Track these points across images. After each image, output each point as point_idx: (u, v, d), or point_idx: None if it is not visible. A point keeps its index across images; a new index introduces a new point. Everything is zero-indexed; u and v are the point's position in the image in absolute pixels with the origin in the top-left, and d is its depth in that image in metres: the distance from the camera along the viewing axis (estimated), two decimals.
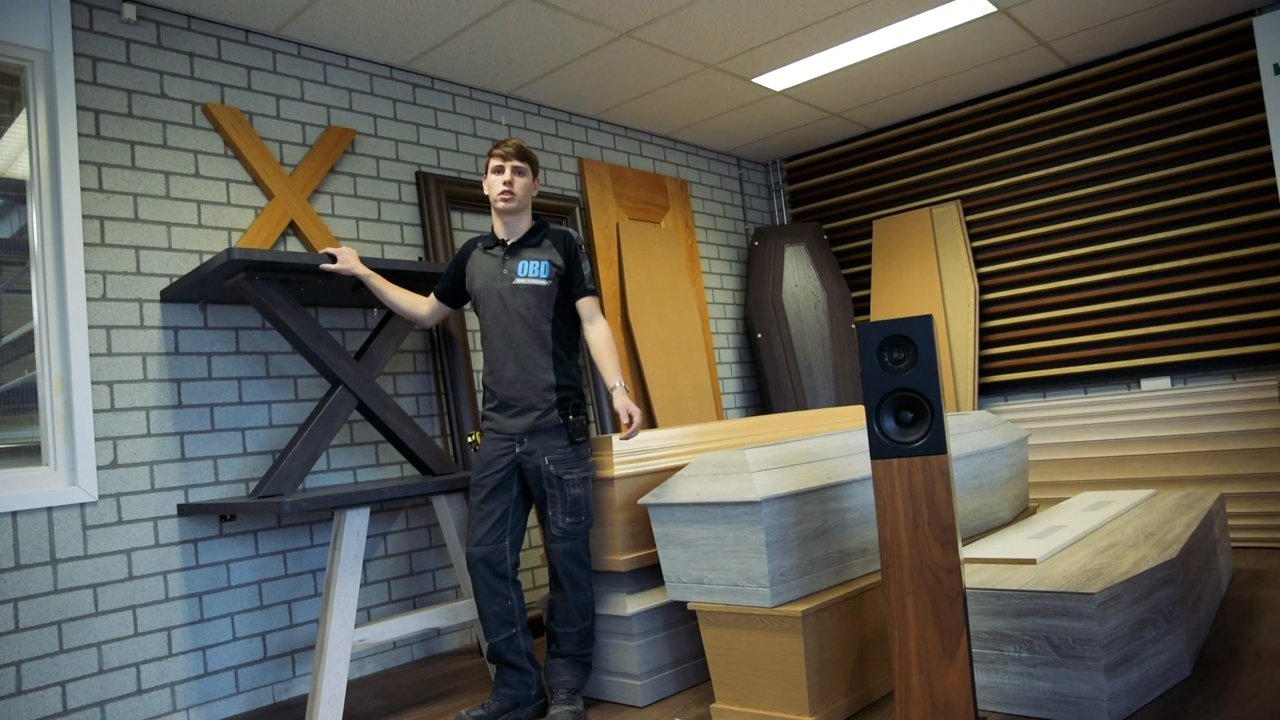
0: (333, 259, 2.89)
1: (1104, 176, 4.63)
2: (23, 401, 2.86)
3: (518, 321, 2.70)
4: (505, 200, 2.73)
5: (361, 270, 2.94)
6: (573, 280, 2.78)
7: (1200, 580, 2.86)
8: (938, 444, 2.03)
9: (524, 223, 2.81)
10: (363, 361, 3.17)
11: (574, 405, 2.73)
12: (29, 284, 2.90)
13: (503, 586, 2.70)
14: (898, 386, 2.07)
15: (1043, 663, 2.30)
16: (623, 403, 2.69)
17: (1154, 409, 4.38)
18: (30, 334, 2.89)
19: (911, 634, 2.05)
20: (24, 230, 2.92)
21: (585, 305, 2.80)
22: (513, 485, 2.73)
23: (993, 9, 3.90)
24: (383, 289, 2.98)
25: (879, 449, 2.08)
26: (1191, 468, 4.26)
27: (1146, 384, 4.53)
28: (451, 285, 2.95)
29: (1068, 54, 4.52)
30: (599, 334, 2.78)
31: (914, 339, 2.05)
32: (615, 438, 2.88)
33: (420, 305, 3.01)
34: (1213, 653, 2.67)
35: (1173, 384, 4.47)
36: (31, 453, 2.85)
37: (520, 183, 2.75)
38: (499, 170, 2.74)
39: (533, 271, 2.73)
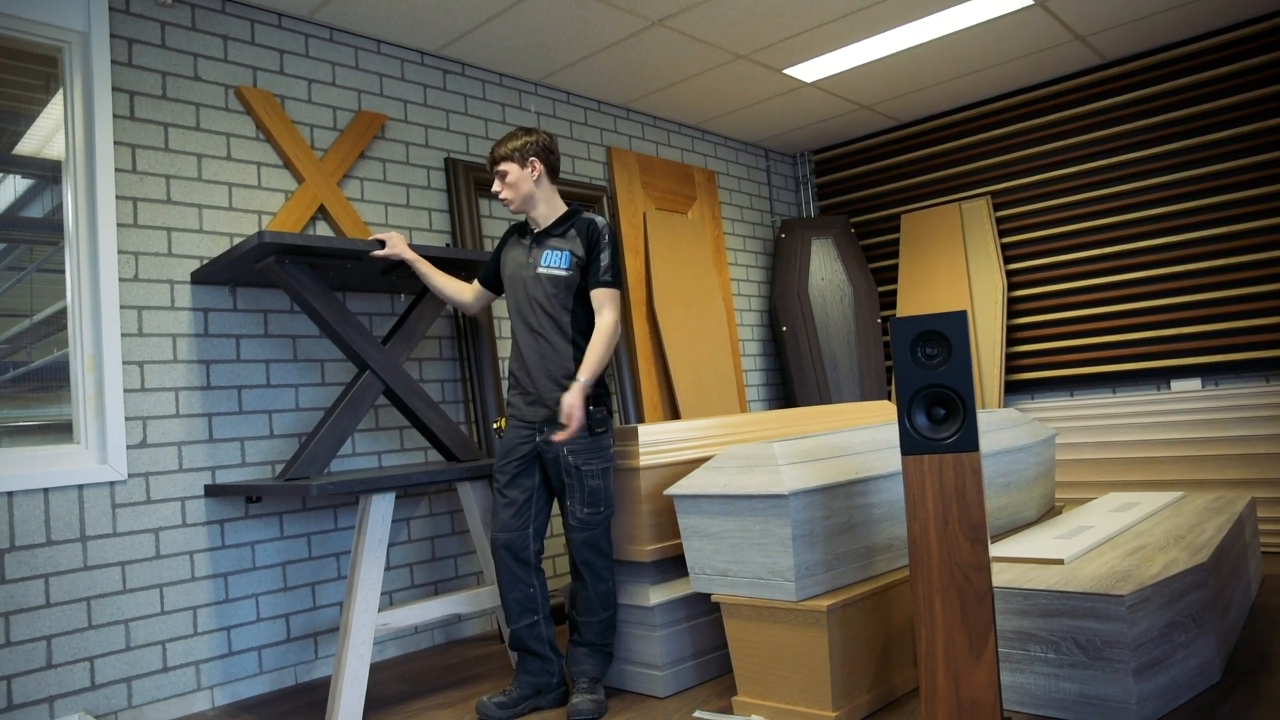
0: (382, 244, 2.90)
1: (1138, 174, 4.56)
2: (52, 379, 2.89)
3: (539, 310, 2.70)
4: (507, 205, 2.79)
5: (410, 255, 2.95)
6: (588, 270, 2.72)
7: (1230, 585, 2.83)
8: (969, 441, 2.01)
9: (549, 211, 2.79)
10: (390, 347, 3.17)
11: (594, 395, 2.70)
12: (60, 263, 2.93)
13: (525, 573, 2.70)
14: (930, 382, 2.05)
15: (1070, 664, 2.28)
16: (568, 399, 2.57)
17: (1184, 410, 4.32)
18: (60, 312, 2.92)
19: (939, 632, 2.03)
20: (56, 210, 2.95)
21: (596, 296, 2.71)
22: (535, 472, 2.73)
23: (1029, 2, 3.84)
24: (429, 274, 2.99)
25: (910, 445, 2.06)
26: (1221, 470, 4.20)
27: (1177, 385, 4.47)
28: (491, 273, 2.97)
29: (1104, 49, 4.45)
30: (601, 326, 2.68)
31: (948, 335, 2.03)
32: (641, 428, 2.88)
33: (465, 291, 3.01)
34: (1243, 659, 2.63)
35: (1204, 385, 4.40)
36: (59, 429, 2.89)
37: (509, 182, 2.74)
38: (494, 180, 2.80)
39: (554, 261, 2.71)
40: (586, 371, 2.62)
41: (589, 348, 2.67)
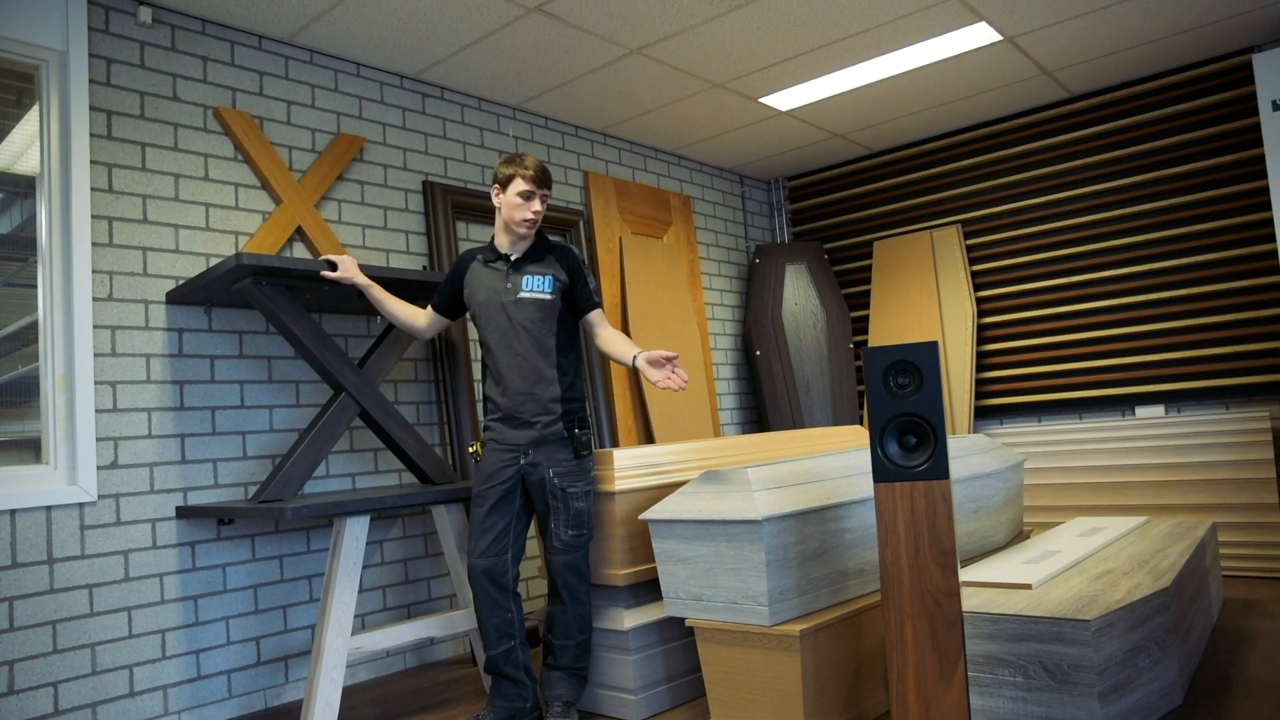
0: (333, 266, 2.88)
1: (1103, 205, 4.67)
2: (17, 395, 2.86)
3: (523, 334, 2.71)
4: (529, 227, 2.74)
5: (361, 280, 2.93)
6: (579, 294, 2.80)
7: (1192, 609, 2.89)
8: (940, 469, 2.05)
9: (528, 238, 2.82)
10: (366, 369, 3.17)
11: (579, 418, 2.74)
12: (27, 278, 2.91)
13: (504, 599, 2.70)
14: (902, 411, 2.09)
15: (1037, 688, 2.32)
16: (651, 353, 2.67)
17: (1148, 436, 4.41)
18: (26, 328, 2.90)
19: (910, 656, 2.06)
20: (24, 226, 2.93)
21: (597, 315, 2.85)
22: (516, 497, 2.73)
23: (998, 38, 3.95)
24: (382, 300, 2.97)
25: (882, 472, 2.10)
26: (1183, 495, 4.29)
27: (1141, 411, 4.56)
28: (449, 298, 2.94)
29: (1071, 83, 4.57)
30: (615, 332, 2.86)
31: (919, 365, 2.08)
32: (616, 453, 2.90)
33: (418, 317, 2.99)
34: (1204, 682, 2.69)
35: (1167, 412, 4.50)
36: (22, 445, 2.85)
37: (543, 210, 2.76)
38: (528, 196, 2.71)
39: (537, 286, 2.74)
40: (635, 348, 2.76)
41: (621, 341, 2.80)
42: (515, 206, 2.72)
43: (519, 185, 2.71)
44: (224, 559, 3.13)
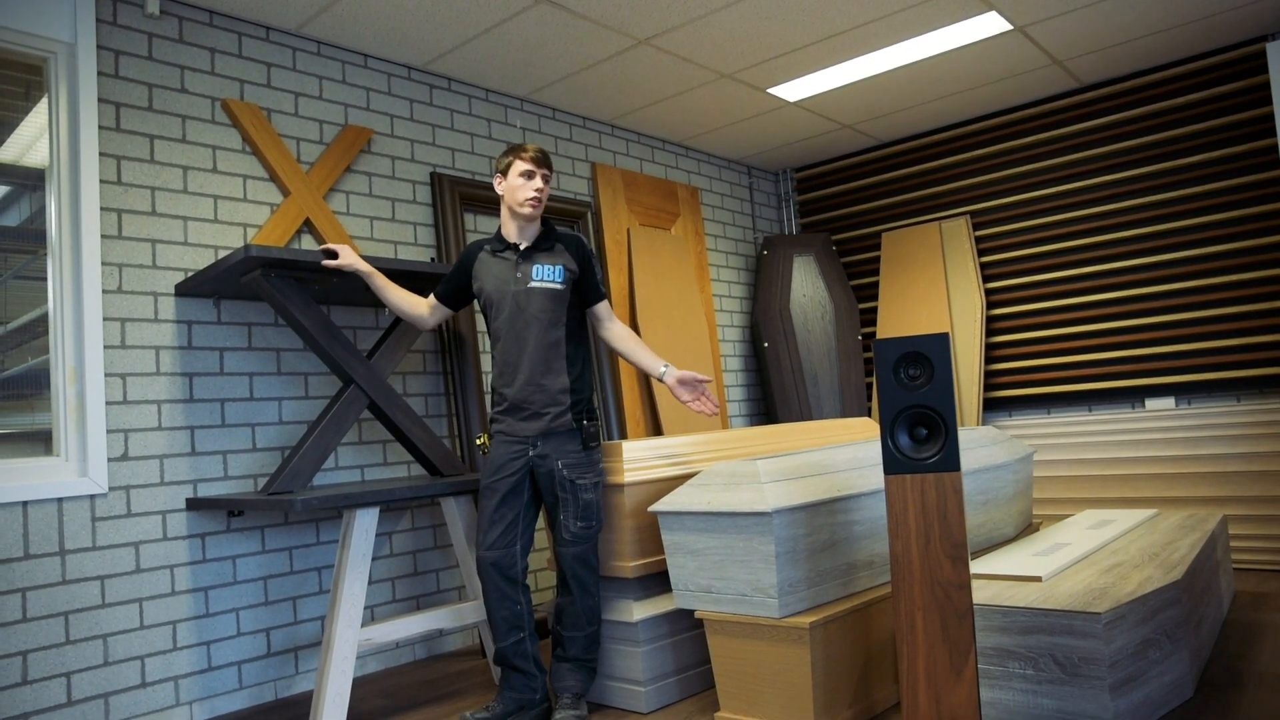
0: (333, 255, 2.86)
1: (1114, 196, 4.65)
2: (27, 387, 2.87)
3: (533, 324, 2.70)
4: (534, 207, 2.72)
5: (363, 266, 2.90)
6: (587, 284, 2.80)
7: (1203, 602, 2.88)
8: (951, 461, 2.04)
9: (535, 226, 2.81)
10: (375, 361, 3.17)
11: (588, 410, 2.74)
12: (36, 270, 2.91)
13: (513, 591, 2.70)
14: (913, 403, 2.08)
15: (1047, 680, 2.31)
16: (684, 372, 2.85)
17: (1158, 429, 4.39)
18: (35, 320, 2.90)
19: (920, 649, 2.06)
20: (33, 218, 2.93)
21: (604, 307, 2.87)
22: (525, 489, 2.73)
23: (1009, 27, 3.92)
24: (383, 288, 2.94)
25: (892, 464, 2.09)
26: (1193, 488, 4.27)
27: (1151, 403, 4.54)
28: (455, 288, 2.92)
29: (1081, 73, 4.54)
30: (626, 329, 2.92)
31: (930, 356, 2.07)
32: (625, 444, 2.90)
33: (420, 306, 2.97)
34: (1215, 674, 2.68)
35: (1177, 404, 4.48)
36: (32, 438, 2.86)
37: (546, 190, 2.76)
38: (529, 175, 2.71)
39: (547, 275, 2.73)
40: (661, 359, 2.90)
41: (636, 346, 2.90)
42: (518, 187, 2.72)
43: (519, 166, 2.73)
44: (234, 551, 3.14)
